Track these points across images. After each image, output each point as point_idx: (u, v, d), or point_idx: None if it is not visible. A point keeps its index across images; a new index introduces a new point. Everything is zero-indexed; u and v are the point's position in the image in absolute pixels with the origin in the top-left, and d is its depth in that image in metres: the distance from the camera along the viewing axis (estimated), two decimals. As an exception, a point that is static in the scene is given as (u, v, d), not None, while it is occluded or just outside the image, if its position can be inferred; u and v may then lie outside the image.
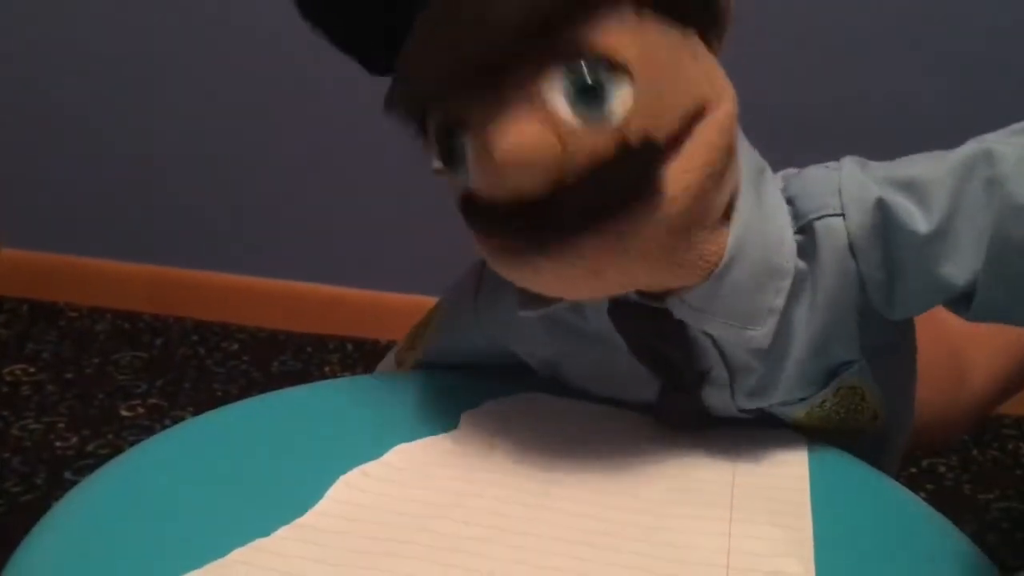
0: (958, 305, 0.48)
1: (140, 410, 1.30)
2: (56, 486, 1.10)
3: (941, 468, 1.26)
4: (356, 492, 0.47)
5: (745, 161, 0.47)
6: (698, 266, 0.45)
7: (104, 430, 1.24)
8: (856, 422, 0.53)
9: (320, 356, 1.50)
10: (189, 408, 1.31)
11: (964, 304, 0.48)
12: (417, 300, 1.41)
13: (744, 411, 0.52)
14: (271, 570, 0.41)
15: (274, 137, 1.50)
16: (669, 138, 0.42)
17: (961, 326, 0.58)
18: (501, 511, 0.46)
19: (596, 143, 0.40)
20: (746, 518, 0.46)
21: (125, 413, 1.29)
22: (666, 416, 0.53)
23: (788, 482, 0.49)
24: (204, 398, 1.34)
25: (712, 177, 0.43)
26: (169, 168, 1.55)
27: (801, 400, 0.52)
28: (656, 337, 0.49)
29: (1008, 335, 0.72)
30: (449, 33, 0.39)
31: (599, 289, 0.46)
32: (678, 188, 0.42)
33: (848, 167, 0.49)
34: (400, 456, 0.50)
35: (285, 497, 0.46)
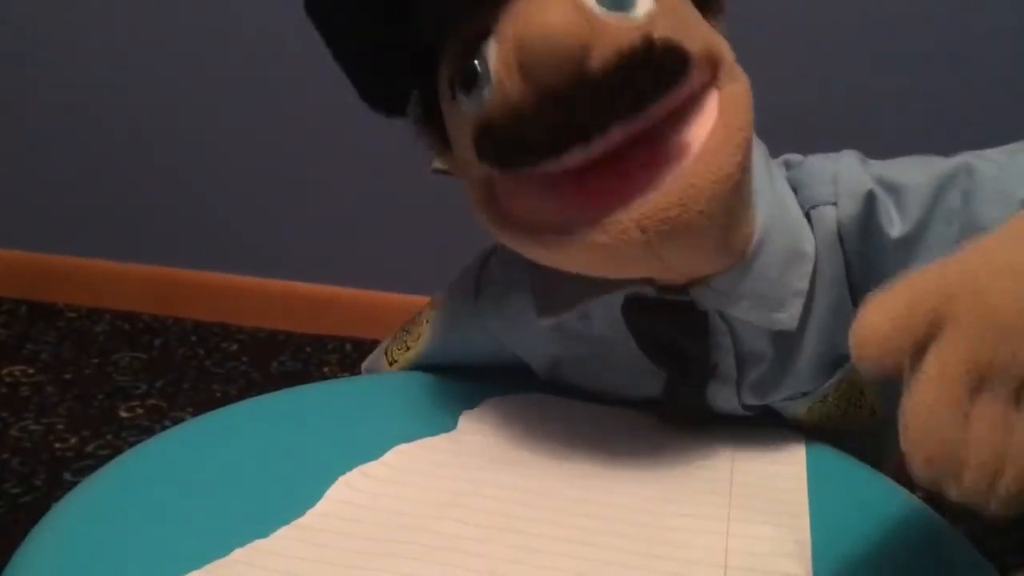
0: None
1: (139, 411, 1.30)
2: (56, 487, 1.10)
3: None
4: (355, 492, 0.47)
5: (756, 145, 0.47)
6: (738, 249, 0.46)
7: (103, 431, 1.24)
8: (855, 418, 0.54)
9: (319, 356, 1.50)
10: (188, 409, 1.31)
11: None
12: (416, 300, 1.41)
13: (747, 407, 0.52)
14: (271, 570, 0.41)
15: (274, 138, 1.50)
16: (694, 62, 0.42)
17: None
18: (500, 511, 0.46)
19: (622, 34, 0.40)
20: (744, 517, 0.46)
21: (124, 414, 1.29)
22: (669, 414, 0.53)
23: (786, 482, 0.49)
24: (203, 399, 1.34)
25: (744, 143, 0.43)
26: (169, 169, 1.55)
27: (804, 395, 0.52)
28: (673, 331, 0.49)
29: None
30: None
31: (627, 266, 0.44)
32: (705, 156, 0.42)
33: (847, 158, 0.50)
34: (399, 456, 0.50)
35: (284, 498, 0.46)
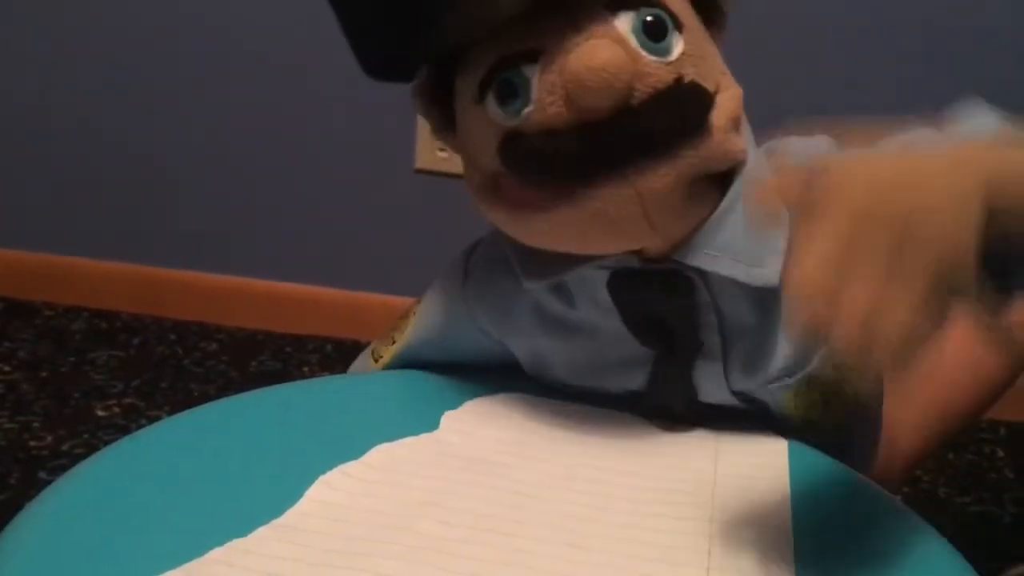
0: None
1: (116, 410, 1.29)
2: (30, 486, 1.09)
3: (917, 472, 1.27)
4: (336, 492, 0.47)
5: (746, 132, 0.51)
6: (710, 201, 0.49)
7: (80, 430, 1.23)
8: (839, 405, 0.54)
9: (299, 356, 1.49)
10: (166, 408, 1.30)
11: None
12: (397, 301, 1.41)
13: (736, 393, 0.52)
14: (249, 570, 0.41)
15: (255, 138, 1.49)
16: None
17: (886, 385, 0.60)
18: (482, 511, 0.46)
19: (658, 72, 0.45)
20: (727, 518, 0.46)
21: (101, 413, 1.28)
22: (656, 399, 0.53)
23: (769, 484, 0.49)
24: (181, 398, 1.33)
25: (734, 127, 0.48)
26: (148, 167, 1.54)
27: (788, 377, 0.52)
28: (659, 302, 0.50)
29: (929, 392, 0.73)
30: None
31: (622, 234, 0.47)
32: (715, 131, 0.47)
33: (823, 140, 0.53)
34: (380, 456, 0.50)
35: (264, 497, 0.46)
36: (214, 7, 1.43)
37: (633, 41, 0.45)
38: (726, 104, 0.48)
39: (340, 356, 1.49)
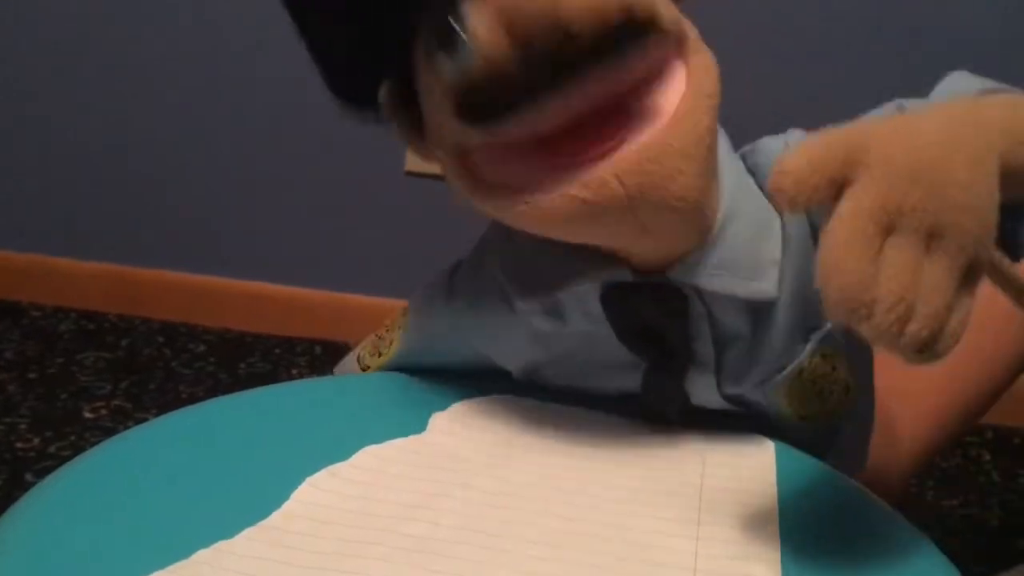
0: None
1: (104, 411, 1.29)
2: (16, 487, 1.09)
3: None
4: (323, 494, 0.47)
5: (724, 140, 0.50)
6: (708, 219, 0.47)
7: (67, 431, 1.22)
8: (831, 396, 0.54)
9: (288, 358, 1.49)
10: (153, 410, 1.30)
11: None
12: (387, 303, 1.41)
13: (727, 397, 0.52)
14: (235, 572, 0.41)
15: (243, 139, 1.49)
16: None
17: (891, 386, 0.60)
18: (470, 513, 0.46)
19: None
20: (714, 520, 0.46)
21: (88, 414, 1.28)
22: (648, 404, 0.53)
23: (756, 486, 0.49)
24: (169, 400, 1.33)
25: (713, 110, 0.45)
26: (136, 168, 1.53)
27: (779, 372, 0.52)
28: (653, 316, 0.50)
29: (935, 398, 0.73)
30: None
31: (607, 219, 0.45)
32: (689, 96, 0.45)
33: (795, 134, 0.52)
34: (368, 458, 0.50)
35: (251, 498, 0.46)
36: (200, 6, 1.43)
37: None
38: (695, 84, 0.45)
39: (329, 358, 1.49)
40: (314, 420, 0.55)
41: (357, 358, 0.64)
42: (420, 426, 0.53)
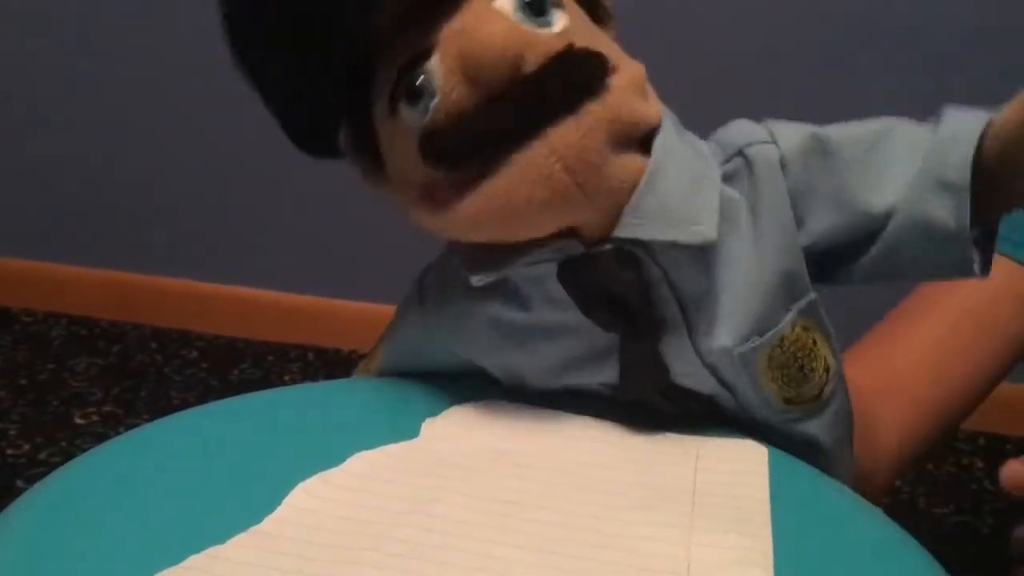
0: (847, 261, 0.53)
1: (95, 418, 1.29)
2: (7, 494, 1.08)
3: (897, 482, 1.28)
4: (315, 499, 0.47)
5: (664, 110, 0.52)
6: (623, 185, 0.49)
7: (57, 437, 1.22)
8: (812, 374, 0.54)
9: (281, 365, 1.49)
10: (145, 416, 1.30)
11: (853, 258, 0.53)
12: (380, 309, 1.41)
13: (707, 365, 0.52)
14: (226, 578, 0.41)
15: (234, 145, 1.49)
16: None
17: (871, 384, 0.59)
18: (463, 519, 0.46)
19: (548, 40, 0.47)
20: (707, 526, 0.46)
21: (80, 420, 1.28)
22: (629, 388, 0.53)
23: (749, 491, 0.49)
24: (161, 406, 1.33)
25: (638, 92, 0.49)
26: (128, 173, 1.53)
27: (759, 336, 0.52)
28: (613, 283, 0.51)
29: (914, 392, 0.74)
30: None
31: (552, 197, 0.48)
32: (618, 90, 0.48)
33: (770, 121, 0.54)
34: (360, 463, 0.50)
35: (242, 504, 0.45)
36: (196, 8, 1.43)
37: (516, 17, 0.47)
38: (627, 71, 0.49)
39: (321, 364, 1.49)
40: (307, 425, 0.55)
41: (357, 371, 0.65)
42: (413, 432, 0.53)
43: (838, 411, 0.57)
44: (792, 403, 0.54)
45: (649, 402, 0.53)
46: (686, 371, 0.53)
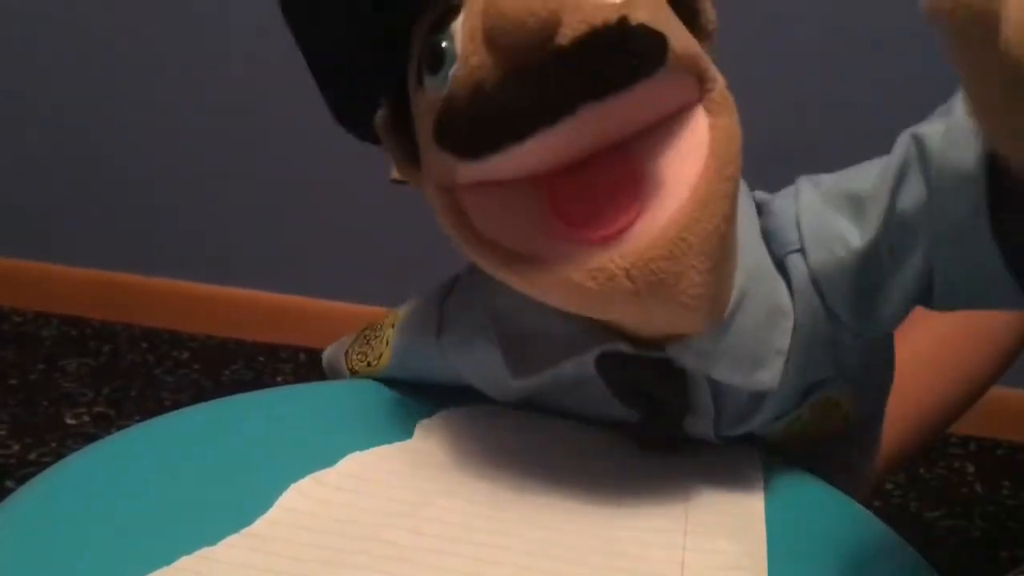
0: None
1: (86, 418, 1.28)
2: (-4, 494, 1.08)
3: (888, 486, 1.28)
4: (308, 500, 0.46)
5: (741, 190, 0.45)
6: (720, 308, 0.43)
7: (48, 438, 1.21)
8: (828, 427, 0.54)
9: (272, 365, 1.49)
10: (136, 417, 1.29)
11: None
12: (372, 310, 1.41)
13: (723, 438, 0.52)
14: (218, 579, 0.40)
15: (227, 145, 1.48)
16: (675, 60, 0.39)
17: None
18: (455, 522, 0.45)
19: (598, 10, 0.37)
20: (701, 532, 0.46)
21: (70, 421, 1.27)
22: (643, 441, 0.52)
23: (743, 497, 0.49)
24: (152, 407, 1.32)
25: (734, 194, 0.41)
26: (119, 172, 1.53)
27: (777, 420, 0.52)
28: (650, 384, 0.48)
29: (906, 393, 0.74)
30: None
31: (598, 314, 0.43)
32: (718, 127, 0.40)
33: (804, 193, 0.48)
34: (353, 465, 0.50)
35: (234, 505, 0.45)
36: (190, 10, 1.43)
37: None
38: (720, 144, 0.40)
39: (314, 365, 1.48)
40: (299, 426, 0.54)
41: (345, 355, 0.62)
42: (406, 433, 0.53)
43: (858, 445, 0.56)
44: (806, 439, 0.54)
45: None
46: (701, 434, 0.52)
